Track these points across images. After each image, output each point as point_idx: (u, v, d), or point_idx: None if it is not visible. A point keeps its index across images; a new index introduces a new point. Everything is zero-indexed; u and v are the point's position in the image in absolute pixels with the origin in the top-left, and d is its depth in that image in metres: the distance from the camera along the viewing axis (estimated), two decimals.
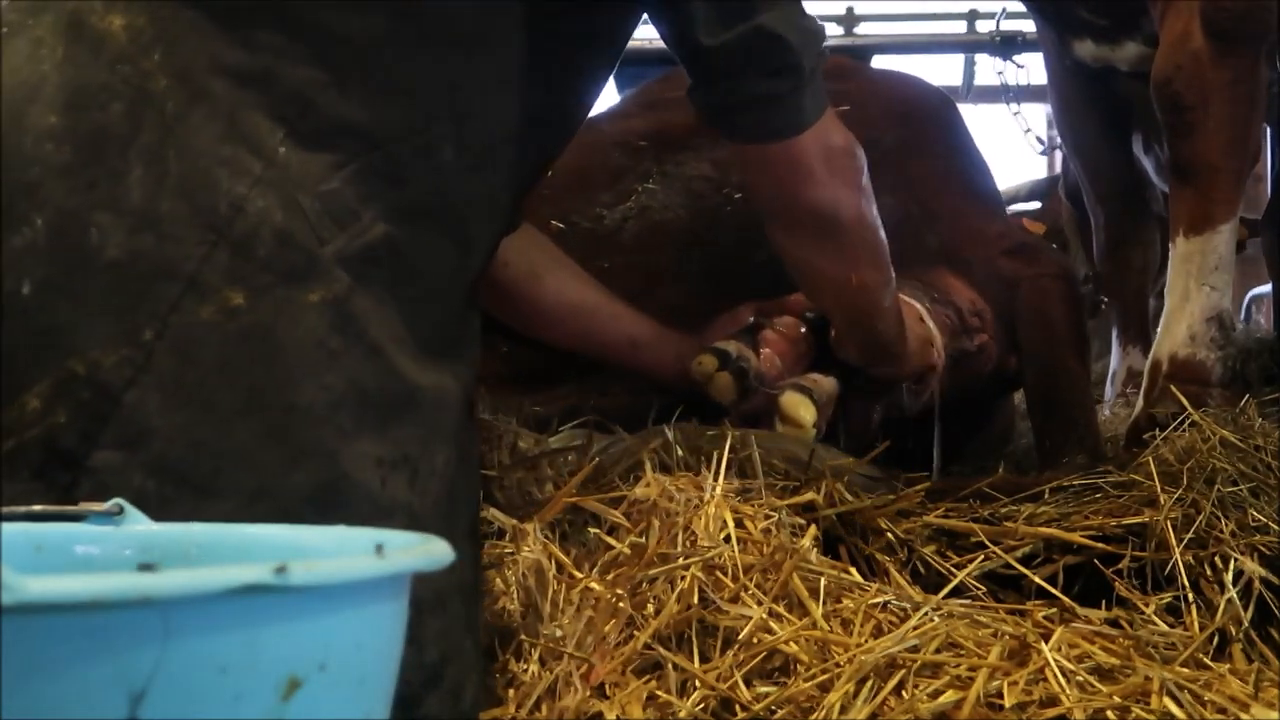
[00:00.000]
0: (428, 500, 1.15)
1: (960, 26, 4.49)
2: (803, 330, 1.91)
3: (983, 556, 1.50)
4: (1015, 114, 4.24)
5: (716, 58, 1.40)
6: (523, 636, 1.31)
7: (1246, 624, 1.39)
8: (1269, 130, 3.28)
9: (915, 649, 1.21)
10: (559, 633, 1.28)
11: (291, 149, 1.12)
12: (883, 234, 1.66)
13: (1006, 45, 4.17)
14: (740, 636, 1.24)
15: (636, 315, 1.92)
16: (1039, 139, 4.25)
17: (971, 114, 4.35)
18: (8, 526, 0.82)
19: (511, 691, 1.26)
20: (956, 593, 1.43)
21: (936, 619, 1.29)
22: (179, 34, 1.13)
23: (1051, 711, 1.14)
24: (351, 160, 1.14)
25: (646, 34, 1.53)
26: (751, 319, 1.92)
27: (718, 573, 1.33)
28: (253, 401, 1.06)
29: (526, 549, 1.40)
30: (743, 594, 1.30)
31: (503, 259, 1.67)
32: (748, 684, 1.20)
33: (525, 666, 1.28)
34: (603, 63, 1.41)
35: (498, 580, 1.40)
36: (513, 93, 1.26)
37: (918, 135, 2.25)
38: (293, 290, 1.09)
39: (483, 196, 1.26)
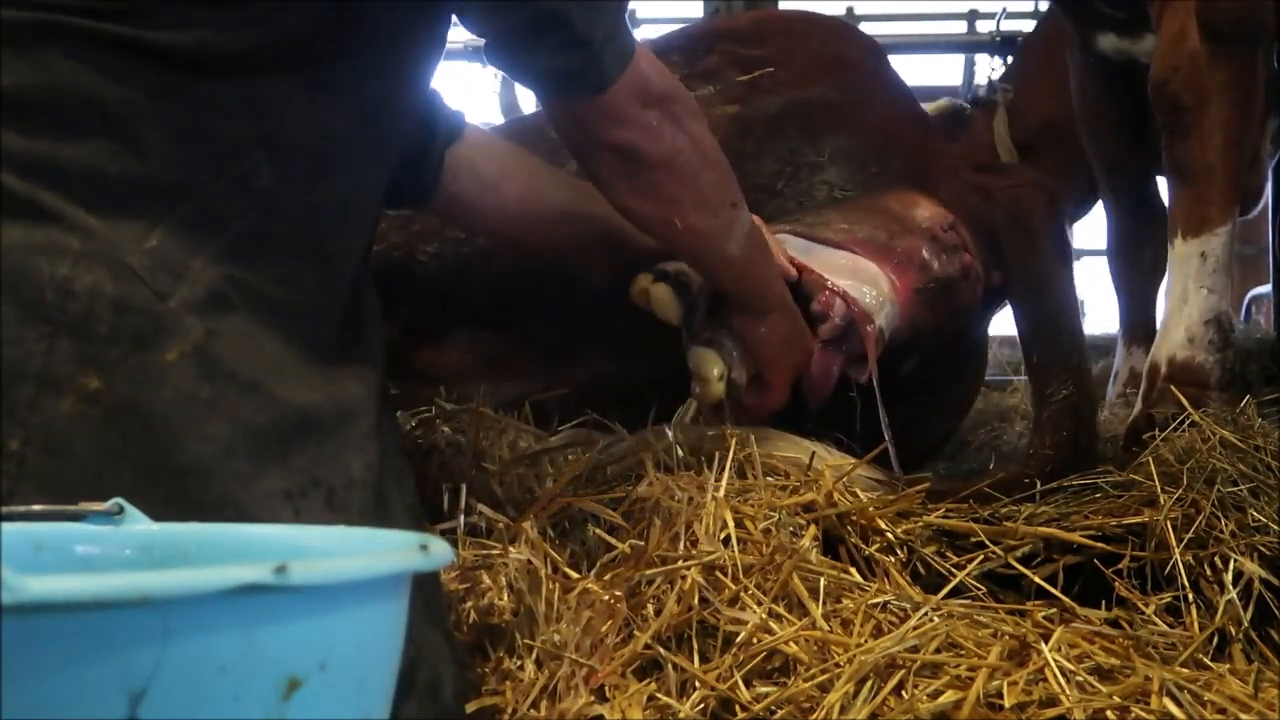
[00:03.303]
0: (352, 512, 1.14)
1: (960, 26, 4.50)
2: None
3: (983, 556, 1.50)
4: None
5: (501, 43, 1.41)
6: (516, 635, 1.31)
7: (1246, 624, 1.39)
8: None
9: (915, 649, 1.21)
10: (556, 637, 1.28)
11: (100, 219, 1.11)
12: (716, 178, 1.60)
13: (1006, 45, 4.17)
14: (740, 637, 1.24)
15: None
16: None
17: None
18: (8, 526, 0.82)
19: (508, 684, 1.26)
20: (956, 593, 1.43)
21: (936, 619, 1.29)
22: None
23: (1051, 711, 1.14)
24: (163, 217, 1.13)
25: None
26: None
27: (718, 573, 1.33)
28: (140, 477, 1.05)
29: (515, 550, 1.40)
30: (743, 594, 1.30)
31: (451, 173, 1.65)
32: (748, 684, 1.20)
33: (520, 663, 1.28)
34: (418, 53, 1.38)
35: (487, 579, 1.40)
36: (323, 100, 1.23)
37: (854, 80, 2.22)
38: (146, 355, 1.08)
39: (327, 205, 1.24)
